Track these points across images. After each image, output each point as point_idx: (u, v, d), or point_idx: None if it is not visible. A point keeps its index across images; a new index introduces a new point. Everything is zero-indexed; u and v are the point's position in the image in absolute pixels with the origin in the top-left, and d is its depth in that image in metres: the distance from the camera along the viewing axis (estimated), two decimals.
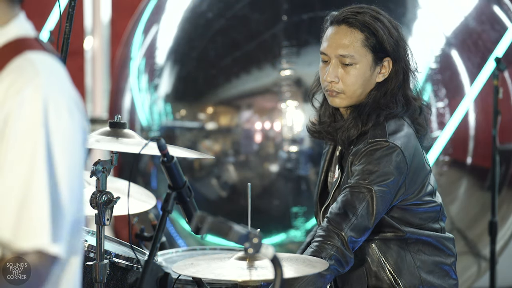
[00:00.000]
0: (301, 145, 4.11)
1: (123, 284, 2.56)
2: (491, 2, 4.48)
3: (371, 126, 2.48)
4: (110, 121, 2.48)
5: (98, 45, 6.53)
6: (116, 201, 2.41)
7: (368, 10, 2.52)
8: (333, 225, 2.41)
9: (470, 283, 4.51)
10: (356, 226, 2.41)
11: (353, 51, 2.49)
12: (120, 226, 5.31)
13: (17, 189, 1.51)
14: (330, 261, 2.36)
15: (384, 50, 2.50)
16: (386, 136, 2.45)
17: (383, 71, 2.52)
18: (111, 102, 5.12)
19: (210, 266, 2.31)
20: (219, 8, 4.36)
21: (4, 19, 1.63)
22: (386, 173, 2.42)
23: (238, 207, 4.17)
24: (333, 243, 2.39)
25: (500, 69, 3.90)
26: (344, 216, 2.41)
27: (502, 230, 4.35)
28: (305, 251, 2.46)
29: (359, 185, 2.42)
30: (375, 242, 2.51)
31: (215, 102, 4.30)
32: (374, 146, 2.44)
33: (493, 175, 3.97)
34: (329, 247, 2.39)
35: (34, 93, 1.53)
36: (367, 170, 2.42)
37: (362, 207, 2.41)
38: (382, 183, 2.41)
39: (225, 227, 1.64)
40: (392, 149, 2.44)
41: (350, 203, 2.41)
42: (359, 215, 2.41)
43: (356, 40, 2.49)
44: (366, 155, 2.44)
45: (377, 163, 2.42)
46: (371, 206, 2.41)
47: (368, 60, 2.50)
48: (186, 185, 2.13)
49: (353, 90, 2.51)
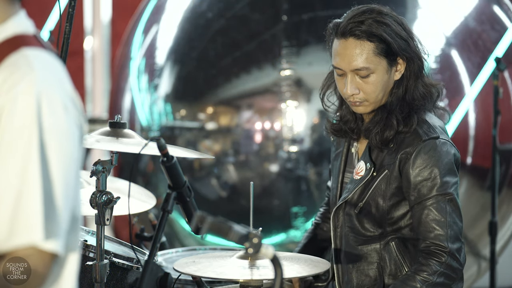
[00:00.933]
0: (301, 145, 4.11)
1: (123, 284, 2.56)
2: (491, 2, 4.48)
3: (416, 125, 2.50)
4: (110, 121, 2.48)
5: (98, 45, 6.53)
6: (116, 201, 2.41)
7: (370, 15, 2.50)
8: (435, 247, 2.43)
9: (470, 283, 4.51)
10: (454, 236, 2.43)
11: (367, 63, 2.48)
12: (120, 226, 5.31)
13: (10, 186, 1.51)
14: (438, 278, 2.40)
15: (396, 51, 2.50)
16: (436, 132, 2.49)
17: (399, 69, 2.54)
18: (111, 102, 5.12)
19: (211, 264, 2.31)
20: (219, 8, 4.36)
21: (3, 17, 1.63)
22: (451, 170, 2.46)
23: (238, 207, 4.17)
24: (440, 260, 2.42)
25: (500, 69, 3.90)
26: (439, 235, 2.43)
27: (502, 230, 4.35)
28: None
29: (435, 196, 2.44)
30: (394, 241, 2.52)
31: (215, 102, 4.30)
32: (430, 145, 2.46)
33: (493, 175, 3.97)
34: (435, 263, 2.42)
35: (27, 88, 1.53)
36: (434, 176, 2.44)
37: (450, 215, 2.44)
38: (452, 183, 2.46)
39: (225, 227, 1.64)
40: (445, 145, 2.48)
41: (438, 219, 2.43)
42: (451, 224, 2.43)
43: (368, 51, 2.47)
44: (427, 158, 2.45)
45: (440, 164, 2.45)
46: (455, 208, 2.45)
47: (383, 66, 2.50)
48: (186, 185, 2.13)
49: (375, 96, 2.51)
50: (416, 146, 2.46)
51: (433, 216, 2.43)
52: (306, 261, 2.41)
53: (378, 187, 2.51)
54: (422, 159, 2.45)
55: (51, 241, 1.52)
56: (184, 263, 2.35)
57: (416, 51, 2.55)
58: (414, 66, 2.53)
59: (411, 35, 2.56)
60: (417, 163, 2.45)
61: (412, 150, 2.46)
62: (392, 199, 2.50)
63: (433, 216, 2.43)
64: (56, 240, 1.53)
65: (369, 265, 2.53)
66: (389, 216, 2.51)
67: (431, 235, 2.43)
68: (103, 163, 2.40)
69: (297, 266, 2.35)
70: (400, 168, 2.47)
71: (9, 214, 1.51)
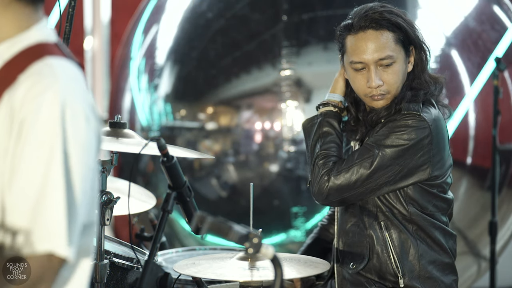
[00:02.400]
0: (301, 145, 4.11)
1: (123, 284, 2.56)
2: (491, 2, 4.48)
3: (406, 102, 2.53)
4: (110, 121, 2.48)
5: (98, 45, 6.53)
6: (116, 201, 2.40)
7: (381, 9, 2.56)
8: (336, 164, 2.51)
9: (470, 283, 4.51)
10: (344, 171, 2.49)
11: (390, 51, 2.52)
12: (120, 226, 5.31)
13: (32, 192, 1.53)
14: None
15: (410, 40, 2.56)
16: (420, 110, 2.49)
17: (411, 60, 2.59)
18: (111, 102, 5.12)
19: (211, 266, 2.31)
20: (219, 8, 4.36)
21: (27, 24, 1.64)
22: (402, 145, 2.47)
23: (238, 207, 4.17)
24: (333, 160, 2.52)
25: (500, 69, 3.90)
26: (343, 161, 2.51)
27: (502, 230, 4.35)
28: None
29: (371, 142, 2.49)
30: (383, 221, 2.53)
31: (215, 102, 4.30)
32: (406, 116, 2.48)
33: (493, 175, 3.97)
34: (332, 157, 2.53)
35: (52, 98, 1.55)
36: (387, 133, 2.48)
37: (362, 160, 2.48)
38: (392, 154, 2.46)
39: (225, 227, 1.64)
40: (421, 123, 2.48)
41: (356, 153, 2.50)
42: (357, 165, 2.48)
43: (389, 40, 2.52)
44: (395, 121, 2.49)
45: (400, 132, 2.47)
46: (370, 164, 2.47)
47: (402, 55, 2.55)
48: (186, 185, 2.13)
49: (396, 87, 2.55)
50: (396, 116, 2.51)
51: (357, 152, 2.50)
52: (306, 262, 2.41)
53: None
54: (392, 121, 2.50)
55: (68, 248, 1.54)
56: (184, 265, 2.35)
57: (424, 40, 2.61)
58: (422, 54, 2.58)
59: (415, 25, 2.62)
60: (388, 125, 2.50)
61: (391, 119, 2.52)
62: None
63: (357, 151, 2.51)
64: (70, 247, 1.55)
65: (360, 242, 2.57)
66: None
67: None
68: (103, 163, 2.40)
69: (296, 267, 2.35)
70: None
71: (30, 219, 1.53)
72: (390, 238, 2.52)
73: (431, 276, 2.53)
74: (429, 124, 2.49)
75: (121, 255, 2.57)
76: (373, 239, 2.53)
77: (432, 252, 2.55)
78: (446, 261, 2.57)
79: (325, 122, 2.59)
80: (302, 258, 2.46)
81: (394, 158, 2.47)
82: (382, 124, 2.53)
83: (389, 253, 2.51)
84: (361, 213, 2.56)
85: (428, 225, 2.54)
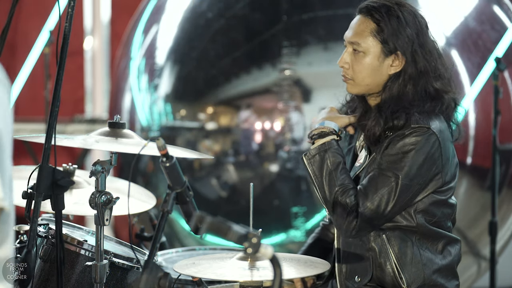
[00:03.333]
0: (301, 145, 4.11)
1: (123, 284, 2.56)
2: (491, 2, 4.48)
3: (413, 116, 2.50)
4: (109, 121, 2.48)
5: (98, 45, 6.53)
6: (115, 201, 2.40)
7: (388, 2, 2.55)
8: (358, 198, 2.47)
9: (470, 283, 4.51)
10: (371, 209, 2.46)
11: (360, 38, 2.53)
12: (120, 226, 5.31)
13: None
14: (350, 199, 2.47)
15: (394, 43, 2.52)
16: (429, 123, 2.48)
17: (396, 64, 2.54)
18: (111, 102, 5.13)
19: (211, 266, 2.31)
20: (219, 8, 4.36)
21: None
22: (417, 164, 2.45)
23: (238, 207, 4.17)
24: (353, 205, 2.47)
25: (500, 69, 3.90)
26: (365, 194, 2.47)
27: (502, 230, 4.35)
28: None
29: (388, 168, 2.46)
30: (385, 233, 2.52)
31: (215, 102, 4.30)
32: (416, 131, 2.46)
33: (493, 175, 3.97)
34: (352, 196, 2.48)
35: None
36: (401, 155, 2.45)
37: (384, 191, 2.45)
38: (409, 176, 2.45)
39: (224, 227, 1.64)
40: (430, 136, 2.47)
41: (375, 182, 2.47)
42: (379, 196, 2.45)
43: (367, 29, 2.53)
44: (403, 138, 2.46)
45: (412, 150, 2.45)
46: (393, 193, 2.45)
47: (376, 50, 2.53)
48: (186, 185, 2.13)
49: (361, 78, 2.55)
50: (404, 131, 2.47)
51: (375, 180, 2.47)
52: (306, 262, 2.41)
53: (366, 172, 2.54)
54: (402, 138, 2.47)
55: None
56: (184, 265, 2.35)
57: (421, 52, 2.54)
58: (412, 70, 2.53)
59: (423, 36, 2.56)
60: (398, 144, 2.47)
61: (399, 134, 2.48)
62: None
63: (375, 180, 2.47)
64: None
65: (362, 255, 2.55)
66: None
67: (363, 187, 2.48)
68: (102, 163, 2.39)
69: (296, 267, 2.34)
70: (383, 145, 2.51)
71: None
72: (392, 250, 2.51)
73: (435, 284, 2.52)
74: (438, 135, 2.48)
75: (121, 255, 2.57)
76: (376, 252, 2.53)
77: (437, 260, 2.54)
78: (449, 268, 2.57)
79: (332, 154, 2.55)
80: (302, 258, 2.46)
81: (412, 179, 2.46)
82: (390, 140, 2.49)
83: (393, 265, 2.51)
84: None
85: (433, 234, 2.54)
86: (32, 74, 6.06)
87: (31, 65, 6.03)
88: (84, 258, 2.51)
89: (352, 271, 2.57)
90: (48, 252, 2.50)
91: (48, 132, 2.18)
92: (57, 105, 2.21)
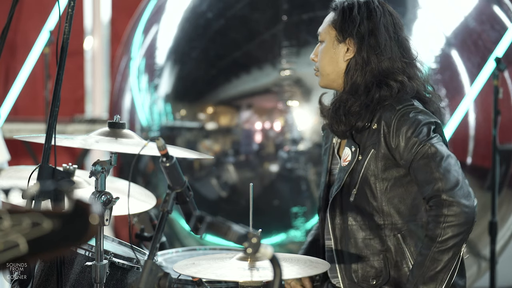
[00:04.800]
0: (301, 145, 4.11)
1: (123, 284, 2.56)
2: (491, 2, 4.48)
3: (392, 98, 2.52)
4: (109, 121, 2.48)
5: (98, 45, 6.53)
6: (115, 201, 2.40)
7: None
8: (434, 201, 2.43)
9: (470, 283, 4.51)
10: (447, 178, 2.42)
11: (322, 29, 2.65)
12: (120, 226, 5.32)
13: None
14: (445, 232, 2.42)
15: (348, 29, 2.58)
16: (411, 100, 2.52)
17: (350, 51, 2.59)
18: (111, 102, 5.13)
19: (211, 266, 2.31)
20: (219, 8, 4.36)
21: None
22: (427, 122, 2.47)
23: (238, 207, 4.17)
24: (440, 213, 2.42)
25: (500, 69, 3.90)
26: (431, 184, 2.43)
27: (502, 230, 4.35)
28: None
29: (416, 152, 2.45)
30: (400, 233, 2.52)
31: (215, 102, 4.30)
32: (404, 110, 2.49)
33: (493, 175, 3.97)
34: (442, 219, 2.42)
35: None
36: (413, 136, 2.45)
37: (435, 166, 2.43)
38: (431, 135, 2.46)
39: (224, 227, 1.64)
40: (420, 109, 2.51)
41: (429, 171, 2.44)
42: (442, 167, 2.43)
43: (328, 20, 2.64)
44: (401, 123, 2.47)
45: (416, 123, 2.46)
46: (438, 155, 2.43)
47: (331, 37, 2.62)
48: (186, 185, 2.13)
49: (323, 67, 2.62)
50: (393, 117, 2.48)
51: (421, 176, 2.45)
52: (306, 262, 2.41)
53: (368, 168, 2.52)
54: (401, 126, 2.47)
55: None
56: (184, 265, 2.35)
57: (375, 42, 2.55)
58: (363, 54, 2.55)
59: (384, 28, 2.57)
60: (397, 132, 2.48)
61: (390, 122, 2.49)
62: (386, 179, 2.51)
63: (420, 176, 2.45)
64: None
65: (374, 256, 2.53)
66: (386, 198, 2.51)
67: (426, 194, 2.45)
68: (102, 163, 2.39)
69: (296, 267, 2.34)
70: (386, 141, 2.50)
71: None
72: (408, 249, 2.51)
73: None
74: (422, 107, 2.53)
75: (121, 255, 2.57)
76: (392, 252, 2.52)
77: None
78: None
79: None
80: (302, 258, 2.46)
81: (432, 134, 2.47)
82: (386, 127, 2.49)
83: (409, 265, 2.50)
84: (376, 227, 2.53)
85: None
86: (32, 74, 6.06)
87: (31, 65, 6.03)
88: (84, 258, 2.51)
89: (365, 273, 2.56)
90: None
91: (48, 132, 2.19)
92: (57, 105, 2.21)
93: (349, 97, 2.55)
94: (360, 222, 2.55)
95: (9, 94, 6.01)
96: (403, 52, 2.59)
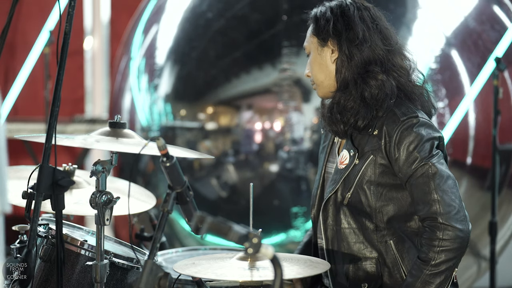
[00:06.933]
0: (301, 145, 4.11)
1: (123, 284, 2.56)
2: (491, 2, 4.48)
3: (394, 106, 2.50)
4: (109, 121, 2.48)
5: (98, 45, 6.53)
6: (116, 201, 2.40)
7: (333, 2, 2.63)
8: (428, 222, 2.43)
9: (470, 283, 4.52)
10: (444, 201, 2.42)
11: (305, 42, 2.67)
12: (120, 226, 5.31)
13: None
14: (439, 256, 2.40)
15: (325, 29, 2.59)
16: (415, 112, 2.50)
17: (334, 52, 2.59)
18: (111, 102, 5.13)
19: (211, 266, 2.31)
20: (219, 8, 4.36)
21: None
22: (428, 142, 2.46)
23: (238, 207, 4.17)
24: (434, 237, 2.41)
25: (500, 69, 3.90)
26: (428, 205, 2.42)
27: (502, 230, 4.35)
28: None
29: (416, 171, 2.44)
30: (392, 239, 2.51)
31: (215, 102, 4.30)
32: (408, 123, 2.47)
33: (493, 175, 3.97)
34: (436, 243, 2.41)
35: None
36: (415, 152, 2.45)
37: (434, 188, 2.42)
38: (430, 155, 2.45)
39: (225, 227, 1.64)
40: (424, 122, 2.49)
41: (427, 191, 2.43)
42: (440, 189, 2.42)
43: (308, 32, 2.66)
44: (404, 136, 2.46)
45: (419, 140, 2.45)
46: (438, 177, 2.43)
47: (314, 45, 2.63)
48: (186, 185, 2.13)
49: (316, 77, 2.62)
50: (396, 128, 2.47)
51: (418, 194, 2.44)
52: (306, 262, 2.41)
53: (365, 174, 2.51)
54: (403, 139, 2.46)
55: None
56: (184, 265, 2.35)
57: (353, 35, 2.55)
58: (344, 49, 2.55)
59: (364, 22, 2.57)
60: (398, 144, 2.47)
61: (392, 133, 2.48)
62: (381, 186, 2.50)
63: (417, 194, 2.45)
64: None
65: (366, 260, 2.53)
66: (380, 204, 2.50)
67: (421, 213, 2.45)
68: (103, 163, 2.39)
69: (296, 267, 2.34)
70: (387, 151, 2.49)
71: None
72: (400, 256, 2.51)
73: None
74: (427, 119, 2.52)
75: (121, 255, 2.57)
76: (384, 257, 2.52)
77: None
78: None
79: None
80: (302, 258, 2.46)
81: (433, 154, 2.47)
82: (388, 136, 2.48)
83: (400, 271, 2.50)
84: (369, 232, 2.53)
85: None
86: (32, 74, 6.06)
87: (31, 65, 6.03)
88: (84, 258, 2.51)
89: (357, 279, 2.56)
90: (48, 252, 2.50)
91: (48, 132, 2.18)
92: (57, 105, 2.21)
93: (341, 94, 2.55)
94: (353, 225, 2.54)
95: (9, 94, 6.02)
96: (384, 40, 2.58)
